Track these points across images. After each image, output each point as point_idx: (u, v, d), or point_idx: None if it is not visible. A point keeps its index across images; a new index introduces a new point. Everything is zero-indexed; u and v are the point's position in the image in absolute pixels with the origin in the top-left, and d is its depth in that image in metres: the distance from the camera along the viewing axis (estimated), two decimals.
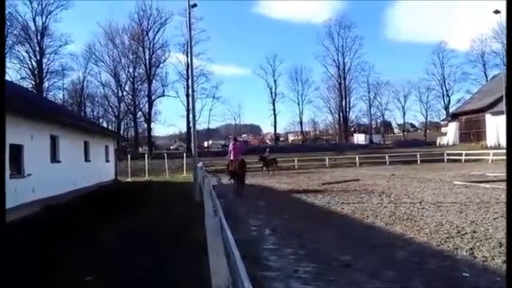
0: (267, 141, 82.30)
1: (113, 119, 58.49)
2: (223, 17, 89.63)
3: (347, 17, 68.31)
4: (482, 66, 62.45)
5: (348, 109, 67.65)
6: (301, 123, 71.46)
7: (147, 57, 57.14)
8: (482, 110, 42.29)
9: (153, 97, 57.55)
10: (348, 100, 67.36)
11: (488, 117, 40.82)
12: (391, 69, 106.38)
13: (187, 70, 53.53)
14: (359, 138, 67.82)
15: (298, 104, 69.39)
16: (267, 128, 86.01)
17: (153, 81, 57.67)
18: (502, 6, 51.30)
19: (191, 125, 17.66)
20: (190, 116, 22.43)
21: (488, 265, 4.94)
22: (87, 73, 56.51)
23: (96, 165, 19.30)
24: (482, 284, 4.33)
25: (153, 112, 58.09)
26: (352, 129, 73.45)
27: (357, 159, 33.85)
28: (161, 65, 58.44)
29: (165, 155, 32.30)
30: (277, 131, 73.64)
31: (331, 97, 68.40)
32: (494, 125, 36.51)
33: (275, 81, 68.21)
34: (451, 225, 7.41)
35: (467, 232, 6.73)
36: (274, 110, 67.90)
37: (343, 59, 66.37)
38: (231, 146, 16.09)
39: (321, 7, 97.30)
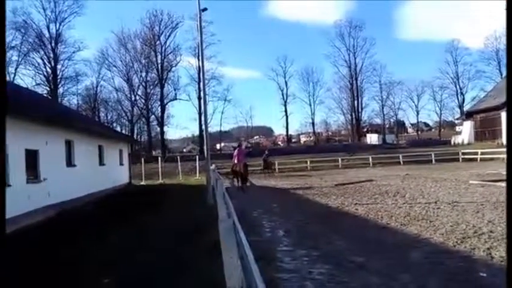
0: (279, 142, 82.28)
1: (126, 123, 59.27)
2: (234, 20, 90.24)
3: (357, 17, 68.47)
4: (497, 64, 61.49)
5: (360, 109, 67.30)
6: (313, 124, 71.29)
7: (159, 61, 57.82)
8: (498, 108, 41.48)
9: (165, 101, 58.17)
10: (360, 100, 67.03)
11: (504, 115, 40.02)
12: (403, 69, 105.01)
13: (198, 73, 53.90)
14: (372, 138, 67.20)
15: (310, 105, 69.22)
16: (279, 130, 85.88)
17: (165, 85, 58.32)
18: None
19: (203, 127, 17.80)
20: (202, 118, 22.57)
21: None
22: (101, 78, 57.50)
23: (110, 169, 19.54)
24: (500, 284, 4.25)
25: (165, 116, 58.76)
26: (365, 129, 72.87)
27: (370, 159, 33.55)
28: (173, 69, 59.13)
29: (178, 157, 32.52)
30: (289, 133, 73.60)
31: (343, 97, 68.18)
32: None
33: (286, 82, 68.26)
34: (467, 225, 7.30)
35: (484, 232, 6.63)
36: (285, 111, 67.88)
37: (355, 59, 66.09)
38: (235, 152, 18.23)
39: (331, 8, 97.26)
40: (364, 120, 70.54)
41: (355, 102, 66.44)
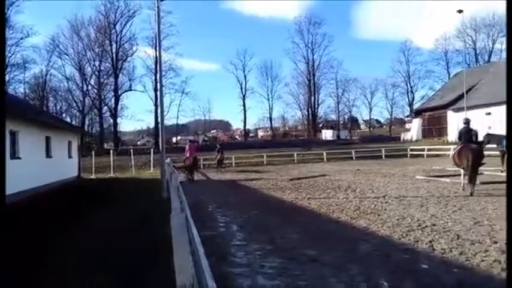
0: (237, 137, 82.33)
1: (77, 113, 56.74)
2: (193, 11, 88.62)
3: (316, 14, 69.82)
4: (445, 64, 65.23)
5: (316, 105, 68.87)
6: (270, 119, 72.11)
7: (113, 50, 55.74)
8: (444, 106, 44.04)
9: (119, 91, 56.25)
10: (316, 96, 68.55)
11: (449, 113, 42.53)
12: (358, 67, 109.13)
13: (155, 64, 52.58)
14: (327, 134, 69.05)
15: (268, 100, 69.95)
16: (236, 124, 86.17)
17: (120, 75, 56.42)
18: (465, 6, 53.51)
19: (159, 120, 17.35)
20: (159, 111, 22.00)
21: (446, 257, 5.15)
22: (50, 66, 54.55)
23: (58, 161, 18.64)
24: (441, 275, 4.51)
25: (119, 107, 56.83)
26: (321, 125, 74.67)
27: (325, 154, 34.42)
28: (128, 59, 57.28)
29: (132, 150, 31.61)
30: (247, 127, 73.91)
31: (301, 93, 69.46)
32: (455, 121, 38.01)
33: (245, 76, 68.44)
34: (412, 218, 7.68)
35: (428, 225, 7.00)
36: (244, 105, 68.07)
37: (313, 55, 67.43)
38: (187, 147, 20.36)
39: (291, 4, 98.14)
40: (320, 116, 72.36)
41: (312, 98, 67.90)
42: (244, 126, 71.67)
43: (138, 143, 73.62)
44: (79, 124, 51.71)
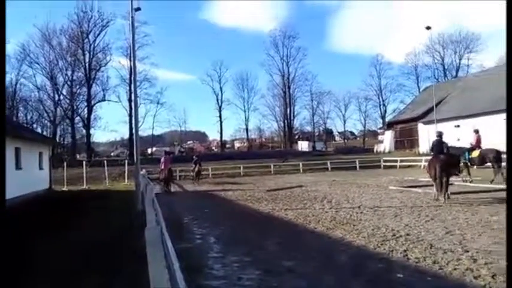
0: (213, 148, 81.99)
1: (48, 124, 55.11)
2: (169, 22, 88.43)
3: (291, 27, 70.49)
4: (415, 78, 67.44)
5: (292, 117, 69.55)
6: (247, 130, 72.30)
7: (86, 60, 54.66)
8: (415, 119, 45.35)
9: (92, 102, 55.05)
10: (292, 108, 69.28)
11: (420, 126, 43.79)
12: (332, 80, 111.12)
13: (130, 74, 51.96)
14: (303, 146, 69.67)
15: (244, 111, 70.19)
16: (213, 135, 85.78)
17: (93, 85, 55.29)
18: (434, 23, 55.70)
19: (134, 131, 17.07)
20: (133, 121, 21.63)
21: (420, 266, 5.25)
22: (21, 76, 52.91)
23: (28, 173, 17.99)
24: (415, 284, 4.59)
25: (92, 117, 55.57)
26: (297, 136, 75.40)
27: (301, 165, 34.67)
28: (102, 69, 56.25)
29: (105, 162, 30.90)
30: (223, 138, 73.74)
31: (276, 105, 70.05)
32: (425, 133, 39.17)
33: (221, 88, 68.53)
34: (386, 228, 7.80)
35: (402, 235, 7.12)
36: (220, 116, 68.01)
37: (288, 68, 68.30)
38: (162, 159, 20.59)
39: (267, 17, 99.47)
40: (296, 128, 73.09)
41: (288, 110, 68.56)
42: (221, 137, 71.57)
43: (112, 154, 72.13)
44: (50, 135, 50.22)
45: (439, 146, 11.67)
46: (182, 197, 17.41)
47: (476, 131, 15.97)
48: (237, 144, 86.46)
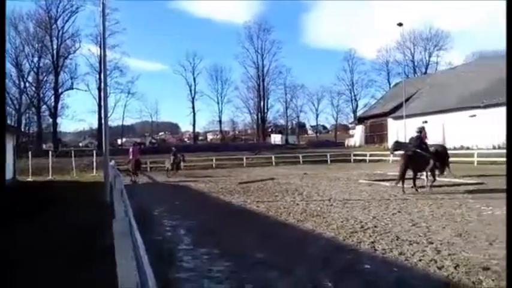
0: (186, 139, 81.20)
1: (13, 112, 52.76)
2: (141, 10, 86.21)
3: (266, 20, 70.36)
4: (386, 74, 68.95)
5: (266, 110, 69.65)
6: (220, 122, 71.91)
7: (54, 46, 52.57)
8: (385, 114, 46.43)
9: (60, 90, 53.16)
10: (266, 101, 69.36)
11: (390, 121, 44.87)
12: (307, 74, 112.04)
13: (99, 62, 50.32)
14: (276, 139, 70.08)
15: (218, 103, 69.72)
16: (185, 127, 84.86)
17: (61, 72, 53.32)
18: (405, 20, 56.92)
19: (103, 120, 16.60)
20: (102, 111, 21.07)
21: (387, 257, 5.38)
22: None
23: None
24: (382, 274, 4.70)
25: (59, 106, 53.71)
26: (270, 129, 75.70)
27: (273, 158, 34.88)
28: (70, 56, 54.28)
29: (73, 152, 29.98)
30: (196, 130, 73.04)
31: (250, 97, 69.94)
32: (395, 129, 40.23)
33: (194, 79, 67.67)
34: (355, 220, 7.96)
35: (370, 227, 7.28)
36: (193, 108, 67.20)
37: (262, 61, 68.18)
38: (130, 149, 20.87)
39: (242, 8, 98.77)
40: (269, 121, 73.29)
41: (262, 102, 68.63)
42: (194, 129, 70.86)
43: (80, 144, 70.11)
44: (15, 123, 48.13)
45: (415, 141, 12.34)
46: (152, 189, 17.15)
47: (422, 128, 16.77)
48: (210, 136, 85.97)
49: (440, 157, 12.66)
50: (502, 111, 30.67)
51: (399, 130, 39.24)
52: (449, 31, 65.89)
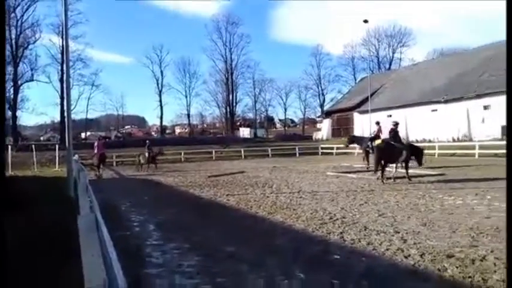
0: (153, 133, 79.69)
1: None
2: (106, 0, 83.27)
3: (234, 13, 69.79)
4: (352, 70, 70.42)
5: (234, 103, 69.45)
6: (188, 115, 71.05)
7: (13, 36, 49.87)
8: (351, 109, 47.50)
9: (19, 81, 50.66)
10: (234, 95, 69.11)
11: (355, 115, 45.94)
12: (275, 68, 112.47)
13: (62, 53, 48.36)
14: (244, 132, 70.08)
15: (186, 97, 68.79)
16: (152, 120, 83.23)
17: (20, 63, 50.78)
18: (370, 17, 58.20)
19: (66, 114, 15.98)
20: (65, 103, 20.29)
21: (356, 247, 5.49)
22: None
23: None
24: (351, 263, 4.79)
25: (19, 98, 51.21)
26: (238, 123, 75.57)
27: (242, 152, 34.88)
28: (30, 46, 51.75)
29: (34, 146, 28.72)
30: (164, 123, 71.81)
31: (219, 91, 69.47)
32: (360, 122, 41.27)
33: (162, 71, 66.39)
34: (324, 212, 8.08)
35: (338, 218, 7.41)
36: (160, 101, 65.99)
37: (231, 54, 67.77)
38: (96, 143, 20.50)
39: (210, 1, 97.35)
40: (238, 115, 73.17)
41: (230, 96, 68.31)
42: (161, 122, 69.70)
43: (41, 138, 67.32)
44: None
45: (395, 135, 12.97)
46: (119, 184, 16.74)
47: (377, 123, 17.90)
48: (178, 130, 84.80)
49: (417, 149, 13.26)
50: (461, 106, 32.32)
51: (364, 124, 40.24)
52: (411, 28, 68.08)
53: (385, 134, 14.96)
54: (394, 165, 13.03)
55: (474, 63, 37.07)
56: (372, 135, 17.67)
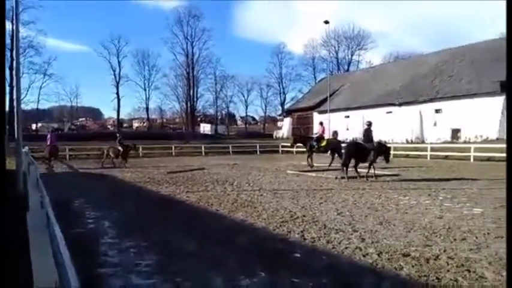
0: (109, 126, 77.08)
1: None
2: None
3: (196, 7, 68.63)
4: (313, 70, 71.68)
5: (195, 99, 68.27)
6: (147, 109, 69.13)
7: None
8: (311, 108, 48.37)
9: None
10: (195, 90, 67.93)
11: (315, 114, 46.79)
12: (237, 64, 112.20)
13: (11, 39, 45.26)
14: (205, 128, 69.44)
15: (145, 90, 66.88)
16: (108, 113, 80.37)
17: None
18: (331, 18, 59.43)
19: (15, 103, 15.00)
20: (14, 92, 19.06)
21: (316, 245, 5.55)
22: None
23: None
24: (311, 262, 4.83)
25: None
26: (199, 118, 74.68)
27: (203, 148, 34.53)
28: None
29: None
30: (121, 117, 69.39)
31: (179, 85, 67.92)
32: (319, 122, 41.97)
33: (119, 62, 63.99)
34: (285, 210, 8.12)
35: (299, 216, 7.47)
36: (117, 93, 63.61)
37: (192, 48, 66.50)
38: (49, 135, 20.67)
39: None
40: (199, 110, 72.10)
41: (191, 91, 67.12)
42: (118, 115, 67.11)
43: None
44: None
45: (368, 134, 13.44)
46: (73, 178, 16.01)
47: (321, 123, 19.86)
48: (135, 124, 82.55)
49: (385, 148, 13.97)
50: (414, 109, 33.69)
51: (324, 123, 41.09)
52: (370, 31, 70.28)
53: (327, 135, 15.71)
54: (366, 164, 13.52)
55: (427, 68, 38.90)
56: (317, 135, 18.70)
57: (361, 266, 4.64)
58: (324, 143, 18.08)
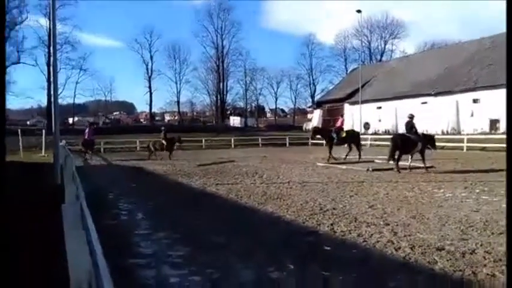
0: (142, 120, 78.96)
1: None
2: None
3: (226, 0, 68.72)
4: (344, 60, 70.27)
5: (225, 92, 68.84)
6: (178, 103, 70.30)
7: None
8: (342, 99, 47.49)
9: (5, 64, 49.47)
10: (225, 83, 68.47)
11: (346, 106, 45.92)
12: (266, 57, 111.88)
13: (49, 36, 47.25)
14: (235, 121, 69.80)
15: (176, 83, 67.99)
16: (141, 107, 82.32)
17: (6, 45, 49.46)
18: (363, 7, 57.96)
19: (52, 98, 15.62)
20: (52, 88, 19.84)
21: (346, 238, 5.46)
22: None
23: None
24: (342, 256, 4.76)
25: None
26: (229, 111, 75.15)
27: (232, 141, 34.77)
28: (17, 28, 50.33)
29: (19, 131, 28.14)
30: (153, 110, 70.99)
31: (210, 79, 68.67)
32: (350, 114, 41.23)
33: (151, 57, 65.38)
34: (314, 203, 8.04)
35: (328, 209, 7.38)
36: (150, 87, 65.11)
37: (222, 41, 66.88)
38: (87, 129, 22.54)
39: None
40: (229, 103, 72.60)
41: (221, 84, 67.64)
42: (150, 109, 68.80)
43: (28, 122, 66.19)
44: None
45: (412, 126, 13.49)
46: (107, 171, 16.53)
47: (342, 115, 19.65)
48: (167, 117, 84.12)
49: (430, 138, 14.02)
50: (451, 99, 32.49)
51: (355, 115, 40.33)
52: (403, 20, 68.03)
53: (349, 126, 15.52)
54: (409, 156, 13.40)
55: (464, 57, 37.28)
56: (336, 128, 18.53)
57: (393, 260, 4.52)
58: (344, 135, 18.06)
